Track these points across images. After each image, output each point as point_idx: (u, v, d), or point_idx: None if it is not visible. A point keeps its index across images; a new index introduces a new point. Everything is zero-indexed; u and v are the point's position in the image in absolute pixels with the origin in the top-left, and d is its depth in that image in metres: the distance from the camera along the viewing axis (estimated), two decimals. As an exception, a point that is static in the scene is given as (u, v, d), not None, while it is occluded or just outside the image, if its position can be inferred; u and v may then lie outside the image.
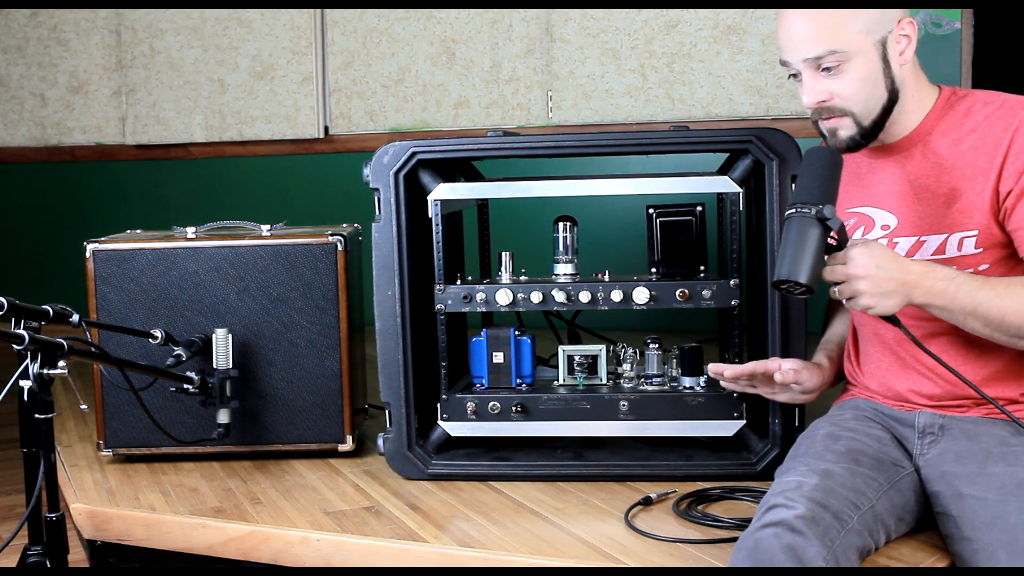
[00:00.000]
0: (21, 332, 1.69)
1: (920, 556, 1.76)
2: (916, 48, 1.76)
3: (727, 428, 2.24)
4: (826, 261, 1.65)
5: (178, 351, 2.35)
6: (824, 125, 1.80)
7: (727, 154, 2.32)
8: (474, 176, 2.60)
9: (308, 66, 4.41)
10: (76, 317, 2.02)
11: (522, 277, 2.36)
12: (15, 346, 1.69)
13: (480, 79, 4.24)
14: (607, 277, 2.29)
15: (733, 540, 1.66)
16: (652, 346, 2.35)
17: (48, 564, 1.75)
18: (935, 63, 3.63)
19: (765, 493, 1.70)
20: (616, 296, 2.23)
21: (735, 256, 2.21)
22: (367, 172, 2.28)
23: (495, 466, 2.31)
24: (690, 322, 3.47)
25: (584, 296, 2.24)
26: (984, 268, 1.73)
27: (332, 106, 4.44)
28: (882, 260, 1.62)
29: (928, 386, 1.82)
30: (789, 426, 2.19)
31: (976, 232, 1.73)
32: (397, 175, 2.26)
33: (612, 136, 2.37)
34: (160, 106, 4.58)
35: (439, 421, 2.33)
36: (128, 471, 2.49)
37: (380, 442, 2.35)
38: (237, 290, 2.48)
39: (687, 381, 2.31)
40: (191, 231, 2.53)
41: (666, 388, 2.31)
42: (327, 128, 4.46)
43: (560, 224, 2.35)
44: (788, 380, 1.92)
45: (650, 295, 2.23)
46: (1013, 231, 1.71)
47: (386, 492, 2.27)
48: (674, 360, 2.37)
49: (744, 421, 2.24)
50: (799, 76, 1.77)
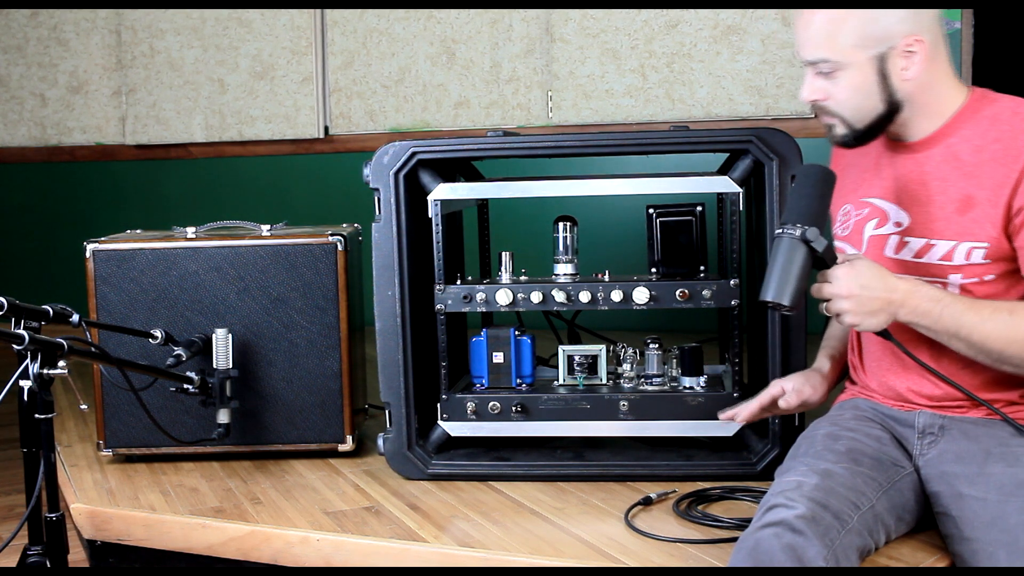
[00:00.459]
0: (21, 332, 1.69)
1: (920, 556, 1.76)
2: (931, 57, 1.73)
3: (727, 428, 2.24)
4: (818, 277, 1.70)
5: (178, 351, 2.35)
6: (821, 119, 1.84)
7: (727, 154, 2.32)
8: (474, 176, 2.60)
9: (308, 66, 4.41)
10: (76, 317, 2.02)
11: (522, 277, 2.36)
12: (15, 346, 1.69)
13: (480, 79, 4.24)
14: (607, 277, 2.29)
15: (733, 540, 1.66)
16: (652, 346, 2.35)
17: (48, 564, 1.75)
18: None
19: (765, 493, 1.70)
20: (616, 296, 2.23)
21: (735, 256, 2.21)
22: (367, 172, 2.28)
23: (495, 466, 2.31)
24: (690, 322, 3.47)
25: (584, 296, 2.24)
26: (990, 278, 1.73)
27: (332, 106, 4.44)
28: (867, 279, 1.66)
29: (928, 387, 1.82)
30: (789, 426, 2.19)
31: (987, 244, 1.71)
32: (397, 175, 2.26)
33: (612, 136, 2.38)
34: (160, 106, 4.58)
35: (439, 421, 2.33)
36: (128, 471, 2.49)
37: (380, 442, 2.35)
38: (237, 290, 2.47)
39: (687, 381, 2.31)
40: (191, 231, 2.52)
41: (666, 388, 2.31)
42: (327, 128, 4.46)
43: (560, 224, 2.35)
44: (793, 405, 1.99)
45: (650, 295, 2.23)
46: (1018, 248, 1.70)
47: (386, 492, 2.27)
48: (674, 360, 2.37)
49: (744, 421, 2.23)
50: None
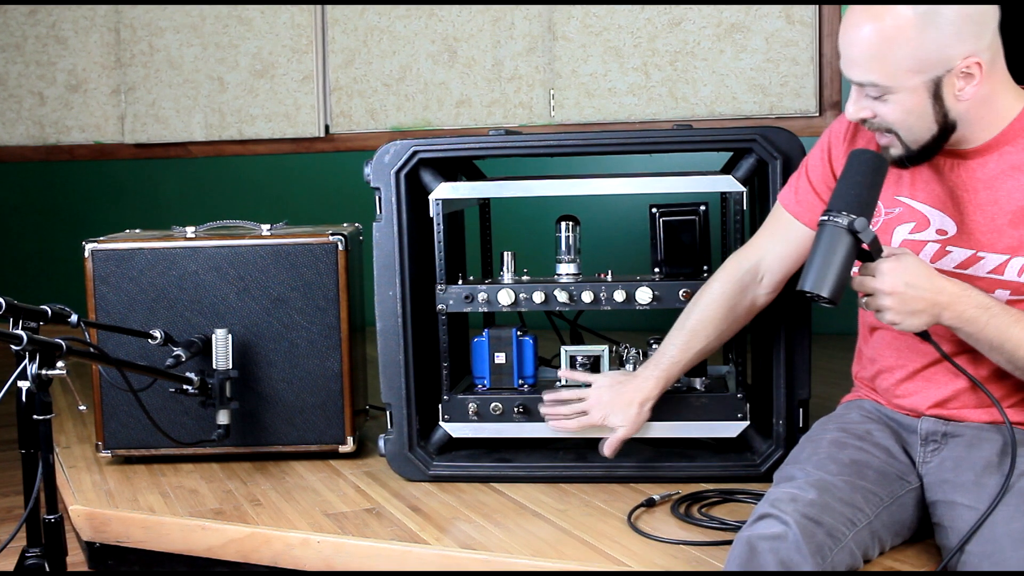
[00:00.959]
0: (19, 332, 1.68)
1: (924, 559, 1.75)
2: (988, 73, 1.60)
3: (731, 429, 2.23)
4: (859, 270, 1.61)
5: (177, 351, 2.34)
6: (877, 139, 1.71)
7: (730, 153, 2.31)
8: (476, 175, 2.59)
9: (309, 64, 4.40)
10: (75, 317, 2.01)
11: (524, 277, 2.35)
12: (13, 346, 1.68)
13: (482, 77, 4.22)
14: (610, 277, 2.27)
15: (737, 543, 1.65)
16: (655, 346, 2.33)
17: (47, 566, 1.73)
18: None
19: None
20: (619, 296, 2.22)
21: (739, 256, 2.19)
22: (368, 171, 2.27)
23: (497, 467, 2.30)
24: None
25: (587, 296, 2.23)
26: None
27: (333, 105, 4.43)
28: (913, 277, 1.57)
29: (936, 391, 1.79)
30: (793, 427, 2.17)
31: None
32: (398, 174, 2.25)
33: (615, 135, 2.36)
34: (159, 105, 4.56)
35: (440, 422, 2.32)
36: (127, 472, 2.48)
37: (381, 443, 2.33)
38: (237, 290, 2.46)
39: (690, 382, 2.30)
40: (191, 231, 2.51)
41: (669, 389, 2.29)
42: (328, 127, 4.45)
43: (562, 224, 2.34)
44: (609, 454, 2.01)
45: (653, 295, 2.21)
46: None
47: (387, 494, 2.26)
48: (677, 360, 2.35)
49: (748, 422, 2.22)
50: None
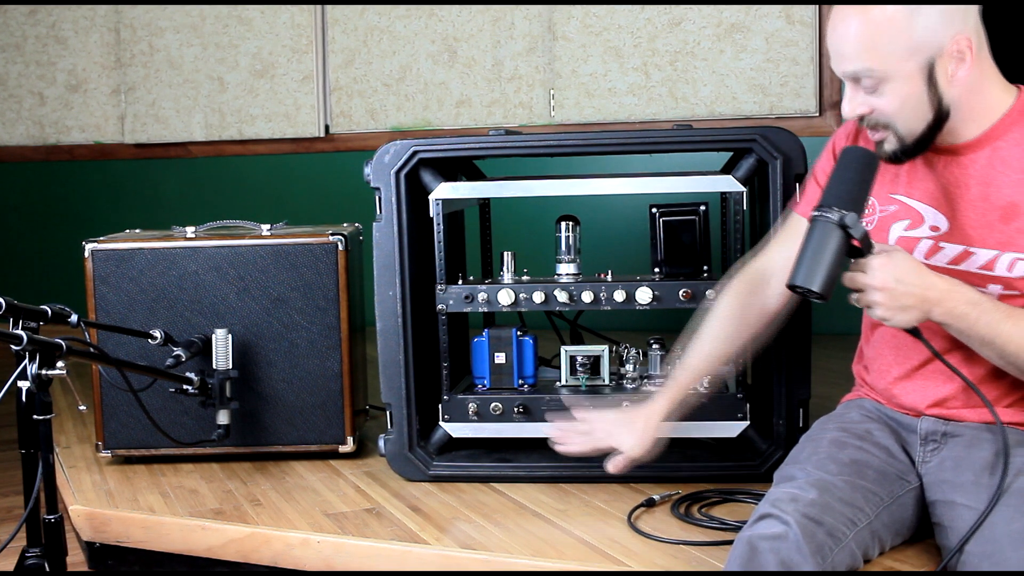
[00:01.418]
0: (19, 332, 1.68)
1: (925, 559, 1.74)
2: (978, 56, 1.61)
3: (731, 429, 2.23)
4: (851, 266, 1.60)
5: (177, 351, 2.34)
6: (870, 135, 1.70)
7: (730, 153, 2.31)
8: (476, 175, 2.59)
9: (309, 64, 4.40)
10: (75, 317, 2.01)
11: (524, 277, 2.35)
12: (13, 346, 1.68)
13: (482, 77, 4.22)
14: (610, 277, 2.27)
15: (738, 543, 1.65)
16: (655, 346, 2.34)
17: (47, 566, 1.73)
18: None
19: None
20: (619, 296, 2.22)
21: (739, 256, 2.19)
22: (368, 171, 2.27)
23: (497, 467, 2.30)
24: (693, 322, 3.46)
25: (587, 296, 2.23)
26: None
27: (333, 105, 4.42)
28: (903, 273, 1.57)
29: (934, 390, 1.78)
30: (793, 427, 2.17)
31: None
32: (398, 174, 2.25)
33: (615, 135, 2.36)
34: (159, 105, 4.56)
35: (440, 422, 2.32)
36: (127, 472, 2.47)
37: (381, 443, 2.33)
38: (237, 290, 2.46)
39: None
40: (191, 231, 2.51)
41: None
42: (328, 127, 4.45)
43: (562, 223, 2.34)
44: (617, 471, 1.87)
45: (653, 295, 2.21)
46: None
47: (387, 494, 2.26)
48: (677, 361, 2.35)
49: (748, 422, 2.22)
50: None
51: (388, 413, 2.32)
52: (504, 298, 2.26)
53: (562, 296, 2.24)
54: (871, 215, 1.79)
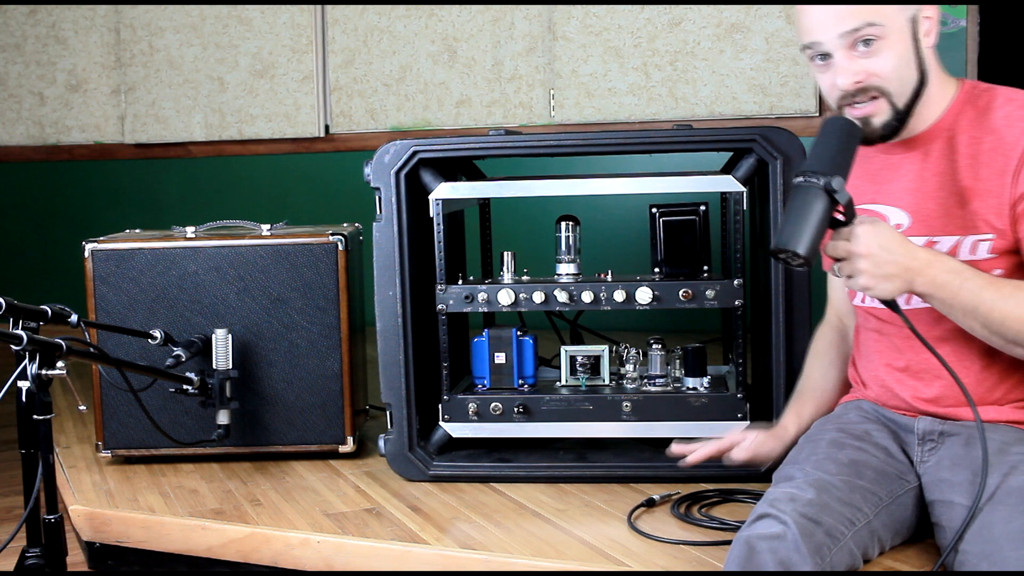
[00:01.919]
0: (19, 332, 1.68)
1: (925, 559, 1.74)
2: (935, 36, 1.72)
3: (731, 429, 2.22)
4: (831, 236, 1.60)
5: (177, 351, 2.34)
6: (855, 112, 1.71)
7: (730, 153, 2.31)
8: (476, 175, 2.59)
9: (308, 64, 4.40)
10: (75, 317, 2.01)
11: (524, 277, 2.35)
12: (13, 346, 1.68)
13: (482, 77, 4.22)
14: (610, 277, 2.27)
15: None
16: (655, 346, 2.34)
17: (46, 566, 1.73)
18: (940, 61, 3.60)
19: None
20: (619, 296, 2.22)
21: (739, 256, 2.19)
22: (368, 171, 2.26)
23: (497, 467, 2.30)
24: (693, 322, 3.46)
25: (587, 296, 2.23)
26: (998, 273, 1.67)
27: (333, 105, 4.42)
28: (887, 241, 1.57)
29: (924, 389, 1.78)
30: (793, 427, 2.17)
31: (992, 236, 1.67)
32: (398, 174, 2.25)
33: (615, 135, 2.36)
34: (159, 105, 4.56)
35: (440, 422, 2.32)
36: (127, 472, 2.47)
37: (381, 443, 2.33)
38: (237, 290, 2.46)
39: (690, 382, 2.30)
40: (191, 231, 2.51)
41: (669, 389, 2.30)
42: (328, 127, 4.45)
43: (562, 223, 2.34)
44: (740, 460, 1.93)
45: (653, 295, 2.21)
46: (1022, 239, 1.66)
47: (387, 494, 2.26)
48: (677, 361, 2.36)
49: (748, 422, 2.22)
50: (827, 59, 1.69)
51: (388, 413, 2.32)
52: (504, 298, 2.26)
53: (562, 296, 2.24)
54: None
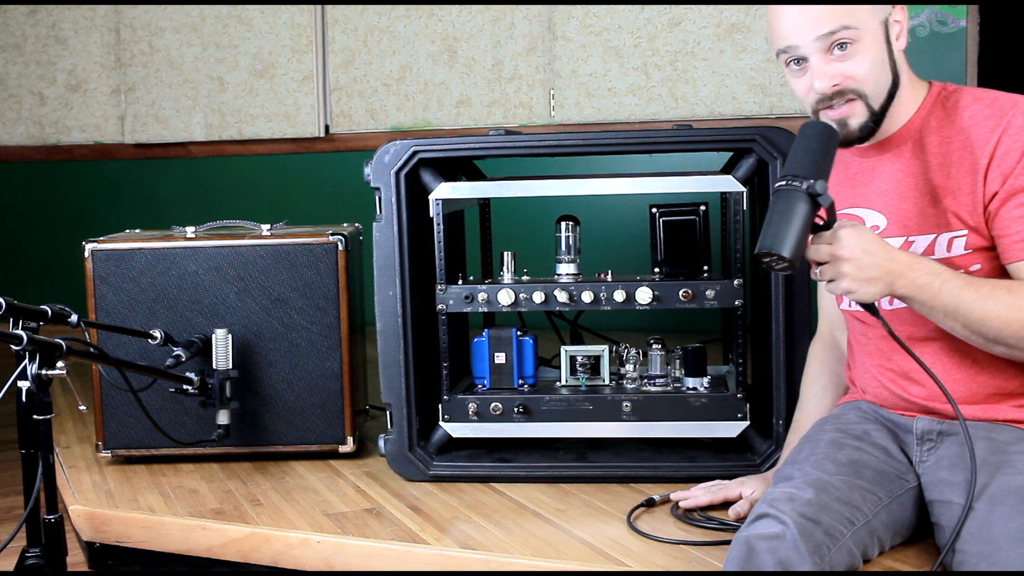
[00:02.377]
0: (19, 332, 1.68)
1: (925, 559, 1.74)
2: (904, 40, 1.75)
3: (731, 429, 2.22)
4: (812, 240, 1.61)
5: (177, 351, 2.34)
6: (832, 115, 1.73)
7: (730, 153, 2.31)
8: (476, 175, 2.59)
9: (308, 64, 4.40)
10: (75, 317, 2.01)
11: (524, 277, 2.35)
12: (13, 346, 1.68)
13: (482, 77, 4.22)
14: (610, 277, 2.27)
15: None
16: (655, 346, 2.34)
17: (46, 566, 1.73)
18: (940, 61, 3.61)
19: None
20: (619, 296, 2.22)
21: (739, 256, 2.20)
22: (368, 171, 2.26)
23: (497, 467, 2.30)
24: (693, 322, 3.46)
25: (587, 296, 2.23)
26: (976, 268, 1.69)
27: (333, 105, 4.42)
28: (869, 245, 1.59)
29: (916, 389, 1.79)
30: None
31: (965, 233, 1.69)
32: (398, 174, 2.25)
33: (615, 135, 2.36)
34: (159, 105, 4.56)
35: (440, 422, 2.32)
36: (127, 472, 2.47)
37: (381, 443, 2.33)
38: (237, 290, 2.46)
39: (690, 382, 2.30)
40: (191, 231, 2.51)
41: (669, 389, 2.30)
42: (328, 127, 4.45)
43: (562, 224, 2.34)
44: (742, 514, 1.95)
45: (653, 295, 2.21)
46: (997, 236, 1.67)
47: (387, 494, 2.26)
48: (677, 361, 2.36)
49: (748, 422, 2.22)
50: (802, 64, 1.72)
51: (388, 413, 2.32)
52: (504, 298, 2.26)
53: (562, 296, 2.24)
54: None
